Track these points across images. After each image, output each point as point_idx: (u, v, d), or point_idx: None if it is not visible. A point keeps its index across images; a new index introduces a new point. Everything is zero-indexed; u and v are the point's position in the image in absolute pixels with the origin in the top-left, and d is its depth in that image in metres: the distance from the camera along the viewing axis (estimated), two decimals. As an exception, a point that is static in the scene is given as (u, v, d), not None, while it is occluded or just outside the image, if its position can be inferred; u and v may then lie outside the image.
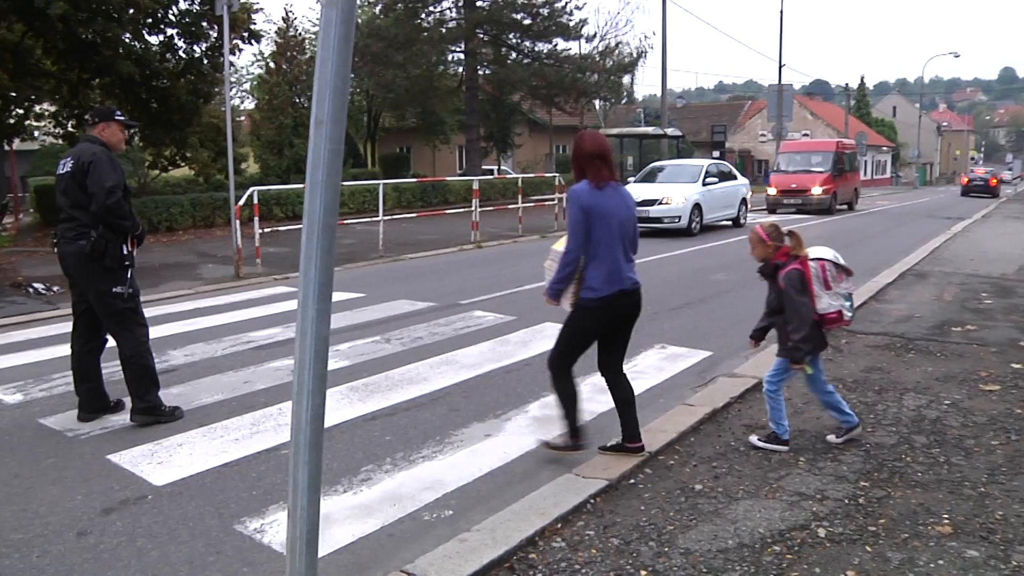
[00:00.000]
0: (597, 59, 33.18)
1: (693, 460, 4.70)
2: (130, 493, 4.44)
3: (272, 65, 29.11)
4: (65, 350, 5.80)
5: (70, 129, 20.00)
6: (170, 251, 16.36)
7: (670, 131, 31.77)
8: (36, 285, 11.62)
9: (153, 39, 18.63)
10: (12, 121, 22.48)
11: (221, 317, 9.44)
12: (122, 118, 5.72)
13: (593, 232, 4.42)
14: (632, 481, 4.41)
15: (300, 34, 30.03)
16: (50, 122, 23.06)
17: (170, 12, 18.12)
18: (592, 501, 4.13)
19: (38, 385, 6.58)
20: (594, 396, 6.03)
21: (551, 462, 4.80)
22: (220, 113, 21.95)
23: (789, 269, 4.70)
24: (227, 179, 14.75)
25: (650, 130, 33.01)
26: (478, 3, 30.36)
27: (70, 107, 19.67)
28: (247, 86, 41.02)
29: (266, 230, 13.54)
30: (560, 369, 4.72)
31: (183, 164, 23.24)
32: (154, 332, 8.46)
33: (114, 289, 5.42)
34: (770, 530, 3.78)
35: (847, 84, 64.55)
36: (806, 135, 55.08)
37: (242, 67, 41.27)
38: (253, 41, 20.13)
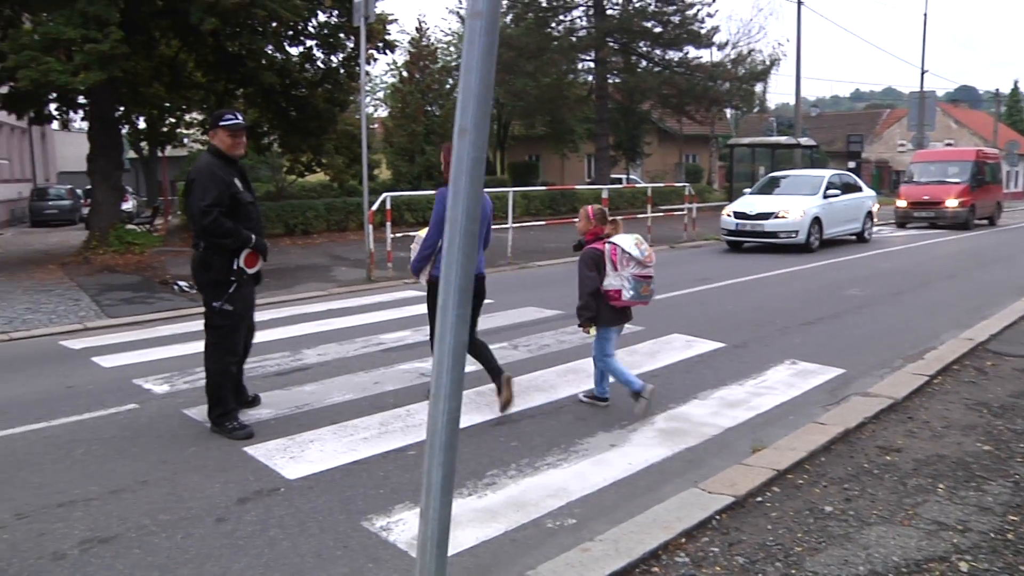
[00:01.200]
0: (729, 67, 32.56)
1: (823, 480, 4.54)
2: (264, 485, 4.63)
3: (405, 74, 29.92)
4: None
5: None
6: (305, 254, 16.98)
7: (803, 141, 30.84)
8: (181, 283, 12.27)
9: (293, 50, 19.51)
10: (165, 129, 24.01)
11: (353, 319, 9.75)
12: (227, 123, 5.42)
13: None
14: (759, 499, 4.29)
15: (433, 44, 30.72)
16: (198, 130, 24.45)
17: (310, 25, 18.92)
18: (718, 517, 4.05)
19: (183, 377, 6.94)
20: (720, 411, 5.93)
21: (675, 475, 4.74)
22: (355, 121, 22.65)
23: (586, 248, 5.70)
24: (361, 185, 15.22)
25: (783, 140, 32.19)
26: (608, 12, 30.33)
27: (216, 116, 20.80)
28: (381, 94, 42.30)
29: (398, 235, 13.86)
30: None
31: (319, 170, 24.14)
32: (289, 331, 8.90)
33: (213, 303, 5.46)
34: (905, 559, 3.60)
35: (997, 90, 60.86)
36: (949, 144, 52.20)
37: (376, 76, 42.57)
38: (388, 51, 20.77)
